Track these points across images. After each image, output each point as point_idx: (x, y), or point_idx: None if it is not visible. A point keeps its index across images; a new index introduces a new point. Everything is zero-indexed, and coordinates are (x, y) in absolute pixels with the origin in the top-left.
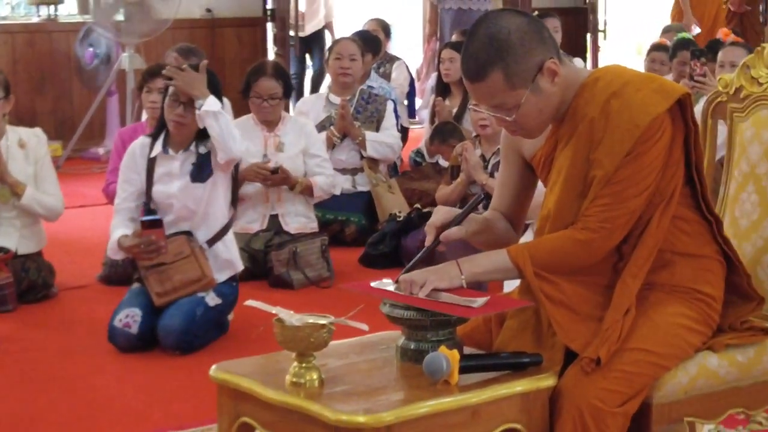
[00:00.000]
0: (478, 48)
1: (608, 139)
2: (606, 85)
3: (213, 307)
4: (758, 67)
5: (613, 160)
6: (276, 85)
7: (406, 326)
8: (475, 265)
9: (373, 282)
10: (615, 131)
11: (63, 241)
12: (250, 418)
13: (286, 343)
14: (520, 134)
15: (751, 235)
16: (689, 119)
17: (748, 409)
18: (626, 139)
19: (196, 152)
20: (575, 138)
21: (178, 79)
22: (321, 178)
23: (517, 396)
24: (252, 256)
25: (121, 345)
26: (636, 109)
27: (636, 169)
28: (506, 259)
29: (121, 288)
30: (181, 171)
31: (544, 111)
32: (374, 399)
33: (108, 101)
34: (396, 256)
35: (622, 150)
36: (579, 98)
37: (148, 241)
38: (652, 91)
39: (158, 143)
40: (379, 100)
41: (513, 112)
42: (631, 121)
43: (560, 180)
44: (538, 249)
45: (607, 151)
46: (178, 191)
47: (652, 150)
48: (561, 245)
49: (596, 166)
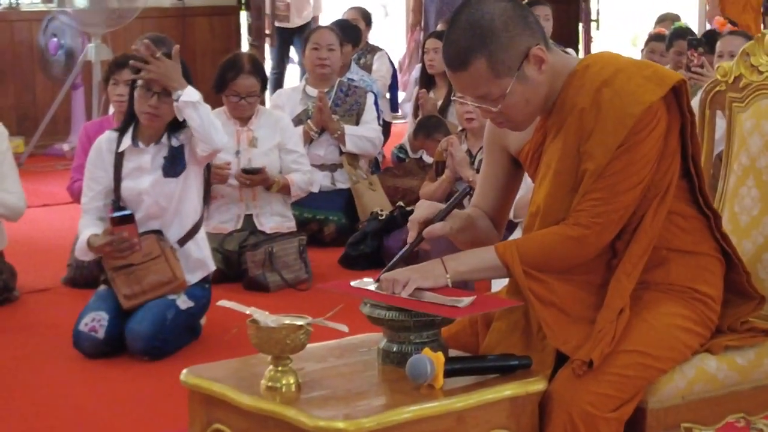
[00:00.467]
0: (460, 35)
1: (600, 130)
2: (597, 72)
3: (184, 311)
4: (758, 54)
5: (605, 153)
6: (255, 82)
7: (387, 327)
8: (460, 263)
9: (353, 281)
10: (607, 122)
11: (25, 242)
12: (223, 425)
13: (261, 345)
14: (506, 126)
15: (751, 232)
16: (685, 108)
17: (748, 414)
18: (619, 130)
19: (168, 145)
20: (564, 129)
21: (152, 69)
22: (298, 176)
23: (506, 401)
24: (226, 257)
25: (87, 351)
26: (628, 98)
27: (629, 161)
28: (494, 257)
29: (86, 291)
30: (152, 165)
31: (531, 101)
32: (354, 404)
33: (73, 94)
34: (378, 257)
35: (614, 141)
36: (568, 87)
37: (120, 238)
38: (645, 78)
39: (126, 137)
40: (359, 92)
41: (498, 103)
42: (623, 111)
43: (550, 174)
44: (527, 246)
45: (599, 143)
46: (150, 186)
47: (647, 141)
48: (551, 242)
49: (587, 158)
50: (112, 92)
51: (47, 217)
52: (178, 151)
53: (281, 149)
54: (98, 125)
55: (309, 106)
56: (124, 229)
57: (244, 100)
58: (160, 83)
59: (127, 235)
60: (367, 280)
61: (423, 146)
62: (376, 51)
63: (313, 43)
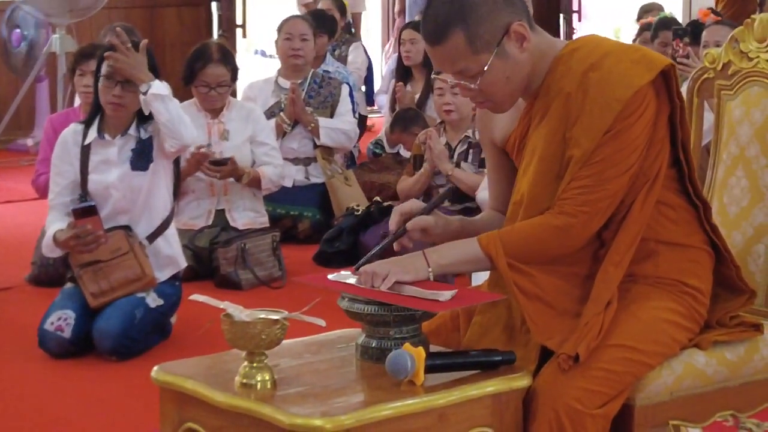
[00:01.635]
0: (438, 8)
1: (586, 115)
2: (584, 56)
3: (154, 309)
4: (748, 40)
5: (591, 138)
6: (224, 71)
7: (366, 323)
8: (442, 256)
9: (330, 275)
10: (593, 106)
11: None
12: (195, 423)
13: (235, 340)
14: (487, 107)
15: (740, 223)
16: (674, 93)
17: (738, 411)
18: (606, 115)
19: (136, 136)
20: (549, 115)
21: (120, 58)
22: (269, 169)
23: (488, 397)
24: (196, 254)
25: (53, 350)
26: (616, 82)
27: (617, 147)
28: (477, 249)
29: (52, 289)
30: (119, 158)
31: (511, 79)
32: (332, 401)
33: (37, 87)
34: (354, 254)
35: (601, 127)
36: (554, 71)
37: (84, 231)
38: (633, 62)
39: (92, 129)
40: (333, 83)
41: (477, 79)
42: (611, 95)
43: (534, 161)
44: (511, 237)
45: (585, 129)
46: (117, 180)
47: (635, 126)
48: (536, 232)
49: (573, 144)
50: (78, 83)
51: (10, 214)
52: (147, 144)
53: (252, 142)
54: (64, 117)
55: (282, 99)
56: (87, 221)
57: (214, 91)
58: (125, 74)
59: (90, 227)
60: (345, 273)
61: (400, 140)
62: (352, 42)
63: (286, 33)
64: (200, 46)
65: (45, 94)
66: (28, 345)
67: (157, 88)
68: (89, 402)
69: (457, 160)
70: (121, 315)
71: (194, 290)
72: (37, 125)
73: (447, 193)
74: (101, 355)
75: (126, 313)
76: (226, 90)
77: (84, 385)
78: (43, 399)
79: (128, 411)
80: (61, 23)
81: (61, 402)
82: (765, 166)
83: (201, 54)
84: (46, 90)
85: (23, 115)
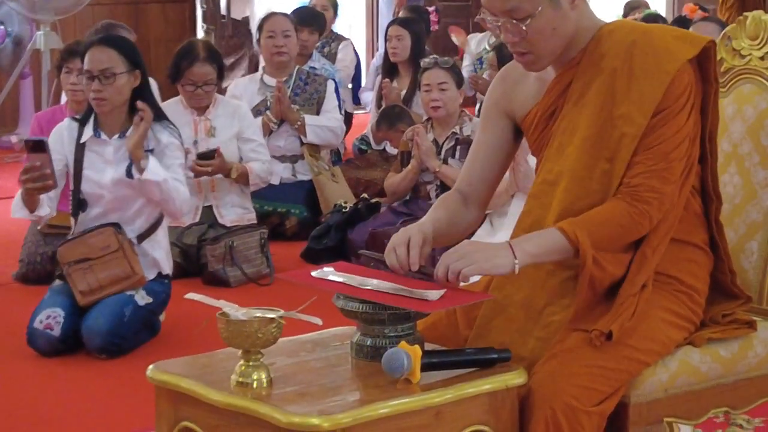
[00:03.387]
0: None
1: (635, 90)
2: (624, 35)
3: (143, 307)
4: (740, 38)
5: (644, 113)
6: (211, 70)
7: (361, 321)
8: (531, 246)
9: (314, 271)
10: (642, 81)
11: None
12: (192, 422)
13: (231, 339)
14: (526, 60)
15: (734, 220)
16: (711, 74)
17: (731, 408)
18: (656, 88)
19: None
20: (592, 93)
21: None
22: (257, 165)
23: (484, 395)
24: (184, 251)
25: (42, 348)
26: (662, 56)
27: (674, 128)
28: (563, 240)
29: (40, 287)
30: (115, 158)
31: (557, 32)
32: (328, 400)
33: (21, 84)
34: (341, 251)
35: (652, 100)
36: (594, 49)
37: (33, 167)
38: (675, 38)
39: (88, 127)
40: (319, 80)
41: (525, 22)
42: (658, 68)
43: (576, 141)
44: (592, 227)
45: (637, 104)
46: (110, 183)
47: (686, 107)
48: (616, 221)
49: (625, 122)
50: (65, 81)
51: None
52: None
53: (239, 138)
54: (50, 115)
55: (267, 96)
56: (37, 157)
57: (201, 89)
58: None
59: (39, 164)
60: (327, 270)
61: (386, 137)
62: (341, 40)
63: (268, 31)
64: (186, 44)
65: (29, 91)
66: (17, 343)
67: (152, 173)
68: (79, 400)
69: (444, 156)
70: (109, 313)
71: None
72: (21, 122)
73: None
74: (90, 353)
75: (115, 311)
76: (213, 88)
77: (73, 383)
78: (33, 398)
79: (118, 409)
80: (45, 20)
81: (51, 400)
82: (758, 163)
83: (187, 52)
84: (31, 87)
85: (8, 111)
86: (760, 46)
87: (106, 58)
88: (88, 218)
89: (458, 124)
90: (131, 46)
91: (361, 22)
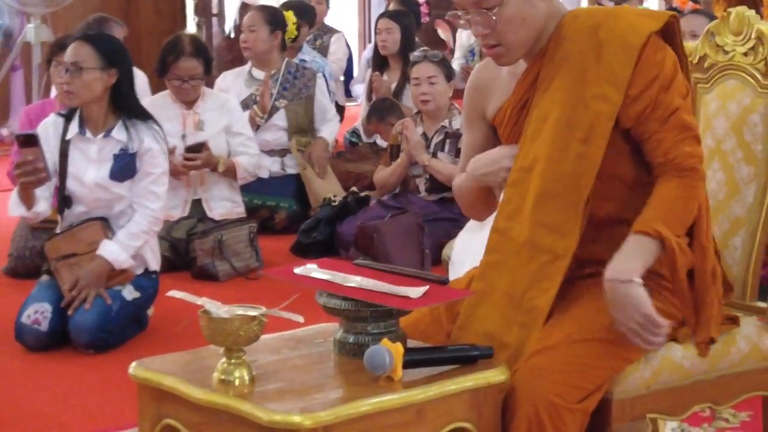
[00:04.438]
0: None
1: (605, 68)
2: (587, 19)
3: (131, 301)
4: (723, 34)
5: (618, 89)
6: (197, 64)
7: (344, 318)
8: (635, 272)
9: (296, 268)
10: (611, 58)
11: None
12: (174, 419)
13: (213, 337)
14: (497, 53)
15: (717, 216)
16: (678, 48)
17: (714, 404)
18: (625, 63)
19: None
20: (562, 77)
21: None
22: (245, 158)
23: (467, 393)
24: (173, 245)
25: (30, 343)
26: (626, 32)
27: (676, 93)
28: (651, 244)
29: (28, 281)
30: (99, 157)
31: (526, 23)
32: (310, 397)
33: (12, 77)
34: (331, 244)
35: (624, 75)
36: (559, 37)
37: (25, 161)
38: (638, 15)
39: (74, 124)
40: (308, 74)
41: (493, 12)
42: (625, 43)
43: (548, 126)
44: (668, 218)
45: (610, 81)
46: (94, 184)
47: (677, 75)
48: (678, 198)
49: (599, 101)
50: (54, 74)
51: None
52: (131, 160)
53: (228, 132)
54: (40, 108)
55: (255, 90)
56: (29, 152)
57: (187, 84)
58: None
59: (32, 158)
60: (310, 266)
61: (377, 130)
62: (333, 33)
63: (243, 26)
64: (173, 38)
65: (20, 84)
66: (5, 338)
67: (118, 262)
68: (66, 395)
69: (433, 150)
70: (97, 308)
71: (171, 281)
72: (12, 114)
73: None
74: (78, 349)
75: (102, 306)
76: (199, 82)
77: (61, 378)
78: (21, 392)
79: (106, 404)
80: (36, 13)
81: (38, 396)
82: (741, 159)
83: (173, 47)
84: (21, 79)
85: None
86: (743, 42)
87: (79, 52)
88: (73, 215)
89: (448, 117)
90: (113, 45)
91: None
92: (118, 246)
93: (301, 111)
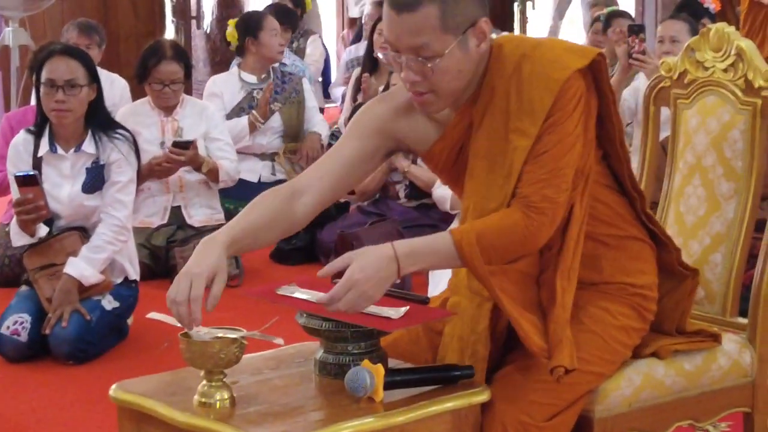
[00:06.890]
0: None
1: (526, 102)
2: (513, 49)
3: (110, 311)
4: (703, 50)
5: (534, 122)
6: (178, 68)
7: (324, 338)
8: (415, 262)
9: (279, 289)
10: (532, 92)
11: None
12: None
13: (193, 360)
14: (424, 100)
15: (697, 232)
16: (605, 84)
17: (695, 421)
18: (545, 97)
19: (93, 155)
20: (489, 114)
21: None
22: (226, 163)
23: (448, 413)
24: (153, 253)
25: (9, 354)
26: (551, 66)
27: (559, 137)
28: (452, 252)
29: (8, 290)
30: (72, 172)
31: (461, 74)
32: (292, 419)
33: None
34: (311, 251)
35: (542, 109)
36: (487, 72)
37: (25, 200)
38: (565, 50)
39: (44, 141)
40: (295, 79)
41: (432, 61)
42: (547, 77)
43: (478, 164)
44: (485, 238)
45: (527, 114)
46: (68, 200)
47: (573, 117)
48: (508, 233)
49: (518, 135)
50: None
51: None
52: (101, 170)
53: (206, 138)
54: (21, 115)
55: (254, 93)
56: (29, 190)
57: (168, 88)
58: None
59: (32, 196)
60: (292, 287)
61: None
62: (309, 35)
63: None
64: (153, 43)
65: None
66: None
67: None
68: (46, 407)
69: (413, 157)
70: (77, 319)
71: (150, 290)
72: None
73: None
74: (58, 360)
75: (81, 317)
76: (180, 87)
77: (41, 389)
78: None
79: (86, 416)
80: (14, 16)
81: (17, 407)
82: (721, 175)
83: (154, 51)
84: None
85: None
86: (723, 59)
87: (72, 68)
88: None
89: None
90: (90, 59)
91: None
92: (84, 261)
93: (294, 114)
